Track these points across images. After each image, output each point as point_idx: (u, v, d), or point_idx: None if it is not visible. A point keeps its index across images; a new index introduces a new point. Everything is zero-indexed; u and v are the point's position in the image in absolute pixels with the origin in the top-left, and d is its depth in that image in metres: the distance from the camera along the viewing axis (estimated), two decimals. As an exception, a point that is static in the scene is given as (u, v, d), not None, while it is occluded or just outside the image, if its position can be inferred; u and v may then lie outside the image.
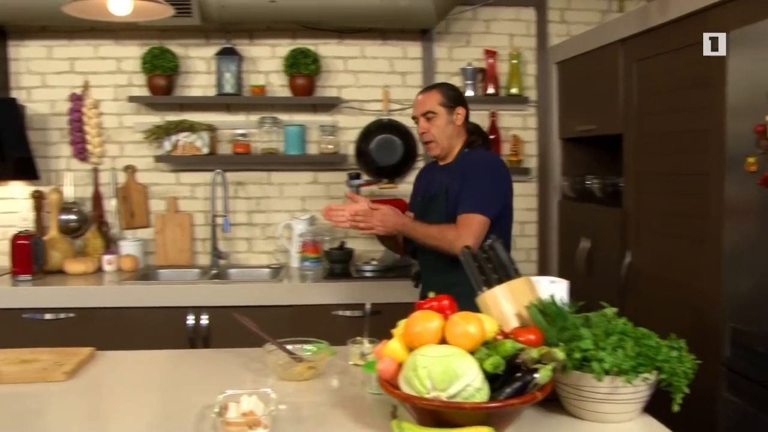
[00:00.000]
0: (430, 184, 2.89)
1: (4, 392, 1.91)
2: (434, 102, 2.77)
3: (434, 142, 2.79)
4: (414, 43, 4.21)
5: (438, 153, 2.82)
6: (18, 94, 4.11)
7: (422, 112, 2.79)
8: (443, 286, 2.63)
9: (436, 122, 2.76)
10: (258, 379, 1.99)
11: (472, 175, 2.69)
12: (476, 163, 2.74)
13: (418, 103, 2.83)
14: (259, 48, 4.15)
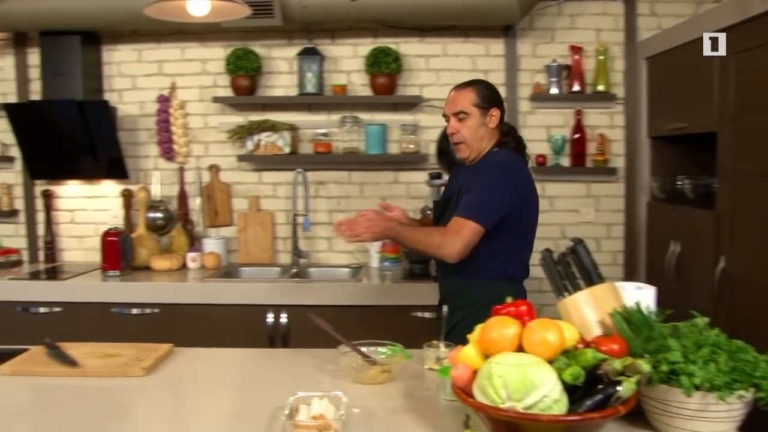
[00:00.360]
0: (451, 186, 2.80)
1: (88, 385, 1.96)
2: (467, 101, 2.58)
3: (464, 144, 2.61)
4: (497, 40, 4.12)
5: (466, 156, 2.64)
6: (110, 96, 4.25)
7: (453, 111, 2.61)
8: (451, 292, 2.68)
9: (468, 123, 2.58)
10: (332, 381, 1.98)
11: (479, 177, 2.51)
12: (488, 165, 2.56)
13: (450, 100, 2.64)
14: (340, 47, 4.16)
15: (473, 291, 2.56)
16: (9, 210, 4.37)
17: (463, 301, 2.56)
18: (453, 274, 2.59)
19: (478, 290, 2.55)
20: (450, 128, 2.63)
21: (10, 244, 4.44)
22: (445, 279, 2.70)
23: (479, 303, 2.45)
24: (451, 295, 2.63)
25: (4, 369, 2.08)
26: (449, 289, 2.67)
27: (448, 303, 2.54)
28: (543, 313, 3.91)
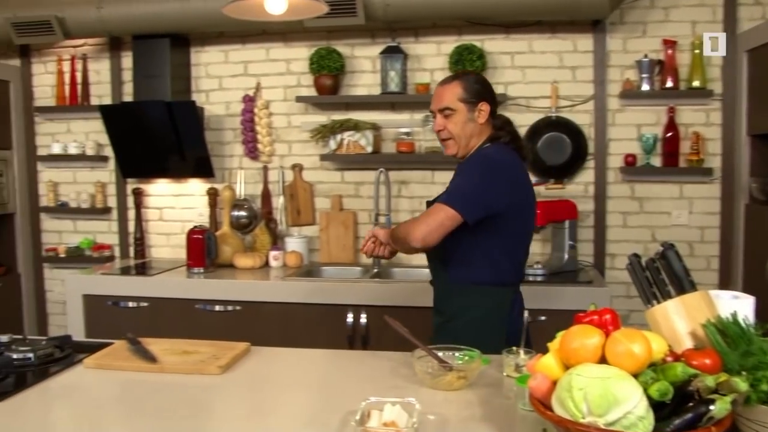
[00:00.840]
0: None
1: (165, 381, 1.98)
2: (453, 97, 2.39)
3: (452, 140, 2.43)
4: (585, 36, 3.98)
5: (455, 152, 2.45)
6: (197, 97, 4.35)
7: (439, 107, 2.42)
8: (442, 296, 2.51)
9: (454, 119, 2.39)
10: (406, 385, 1.93)
11: (462, 169, 2.38)
12: (472, 159, 2.40)
13: (435, 96, 2.45)
14: (424, 45, 4.11)
15: (464, 296, 2.42)
16: (103, 207, 4.53)
17: (454, 305, 2.44)
18: (444, 278, 2.45)
19: (469, 295, 2.41)
20: (436, 125, 2.45)
21: (103, 240, 4.61)
22: (437, 282, 2.53)
23: (471, 309, 2.40)
24: (442, 298, 2.50)
25: (89, 362, 2.13)
26: (441, 292, 2.51)
27: (440, 308, 2.50)
28: (630, 319, 3.79)
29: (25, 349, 2.17)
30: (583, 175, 4.04)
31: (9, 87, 4.49)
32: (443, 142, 2.47)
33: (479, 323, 2.38)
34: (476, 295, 2.40)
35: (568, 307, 3.36)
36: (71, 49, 4.52)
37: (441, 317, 2.48)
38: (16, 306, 4.59)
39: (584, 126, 3.99)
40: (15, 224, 4.58)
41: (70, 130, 4.60)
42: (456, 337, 2.22)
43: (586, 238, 4.01)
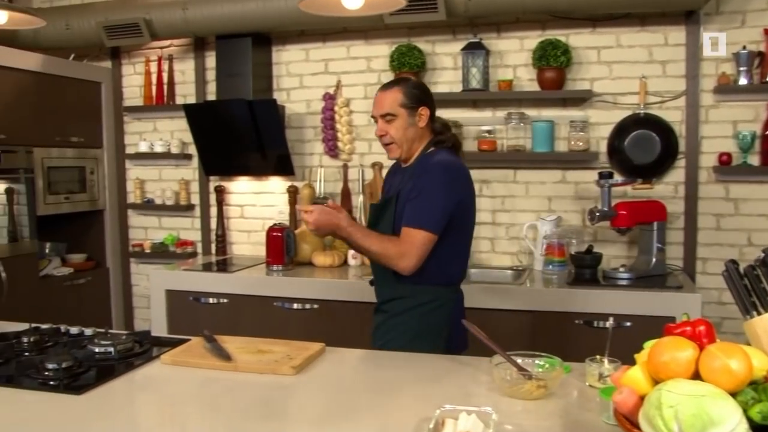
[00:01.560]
0: (386, 189, 2.66)
1: (239, 379, 1.98)
2: (393, 103, 2.44)
3: (394, 144, 2.48)
4: (677, 28, 3.79)
5: (398, 156, 2.51)
6: (278, 95, 4.38)
7: (380, 113, 2.47)
8: (390, 297, 2.51)
9: (396, 124, 2.44)
10: (483, 393, 1.86)
11: (424, 181, 2.38)
12: (432, 168, 2.41)
13: (376, 102, 2.50)
14: (506, 41, 4.01)
15: (414, 296, 2.45)
16: (186, 204, 4.63)
17: (402, 306, 2.47)
18: (393, 279, 2.45)
19: (417, 295, 2.44)
20: (378, 130, 2.50)
21: (186, 236, 4.71)
22: (385, 284, 2.53)
23: (420, 308, 2.44)
24: (390, 300, 2.51)
25: (166, 358, 2.14)
26: (388, 294, 2.52)
27: (385, 308, 2.52)
28: (722, 327, 3.58)
29: (106, 343, 2.21)
30: (673, 175, 3.85)
31: (101, 88, 4.65)
32: (386, 146, 2.52)
33: (421, 322, 2.45)
34: (424, 295, 2.44)
35: (656, 314, 3.23)
36: (158, 50, 4.63)
37: (383, 316, 2.52)
38: (104, 299, 4.74)
39: (675, 123, 3.81)
40: (104, 220, 4.73)
41: (157, 129, 4.72)
42: (396, 335, 2.42)
43: (675, 241, 3.83)
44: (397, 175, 2.60)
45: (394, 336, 2.44)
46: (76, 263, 4.60)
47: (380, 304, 2.56)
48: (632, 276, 3.54)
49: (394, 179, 2.62)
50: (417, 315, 2.44)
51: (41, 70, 4.18)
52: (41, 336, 2.37)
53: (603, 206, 3.54)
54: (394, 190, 2.53)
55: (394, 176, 2.64)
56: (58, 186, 4.33)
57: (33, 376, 1.98)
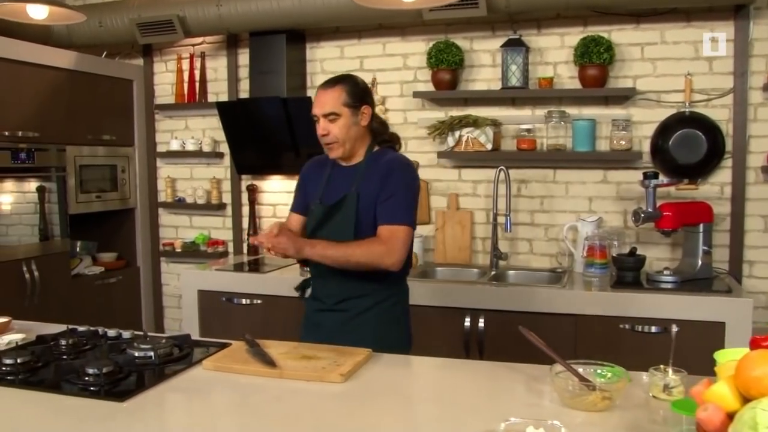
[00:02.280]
0: (330, 188, 2.53)
1: (285, 387, 1.90)
2: (337, 102, 2.41)
3: (337, 143, 2.44)
4: (724, 23, 3.66)
5: (340, 155, 2.47)
6: (313, 92, 4.26)
7: (323, 112, 2.43)
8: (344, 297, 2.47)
9: (339, 123, 2.41)
10: (542, 403, 1.77)
11: (394, 181, 2.40)
12: (396, 167, 2.44)
13: (317, 101, 2.45)
14: (546, 38, 3.91)
15: (375, 293, 2.48)
16: (218, 203, 4.57)
17: (364, 305, 2.47)
18: (350, 277, 2.42)
19: (378, 292, 2.48)
20: (320, 129, 2.45)
21: (217, 235, 4.66)
22: (338, 283, 2.47)
23: (383, 304, 2.48)
24: (346, 299, 2.48)
25: (208, 364, 2.08)
26: (342, 293, 2.48)
27: (344, 308, 2.48)
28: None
29: (146, 347, 2.15)
30: (719, 175, 3.73)
31: (132, 86, 4.61)
32: (328, 146, 2.47)
33: (386, 319, 2.49)
34: (384, 291, 2.49)
35: (705, 319, 3.12)
36: (190, 48, 4.59)
37: (342, 316, 2.49)
38: (135, 299, 4.71)
39: (721, 122, 3.68)
40: (135, 219, 4.69)
41: (188, 127, 4.68)
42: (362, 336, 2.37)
43: (720, 243, 3.70)
44: (336, 175, 2.54)
45: (362, 336, 2.39)
46: (106, 262, 4.57)
47: (335, 304, 2.50)
48: (678, 279, 3.43)
49: (330, 178, 2.55)
50: (381, 312, 2.48)
51: (74, 67, 4.15)
52: (79, 339, 2.32)
53: (648, 207, 3.44)
54: (341, 189, 2.48)
55: (323, 175, 2.57)
56: (90, 184, 4.30)
57: (73, 381, 1.92)
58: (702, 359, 3.13)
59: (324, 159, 2.61)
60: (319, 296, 2.55)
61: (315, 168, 2.66)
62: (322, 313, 2.53)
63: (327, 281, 2.51)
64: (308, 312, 2.62)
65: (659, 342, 3.17)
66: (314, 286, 2.59)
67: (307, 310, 2.64)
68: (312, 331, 2.52)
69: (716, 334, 3.10)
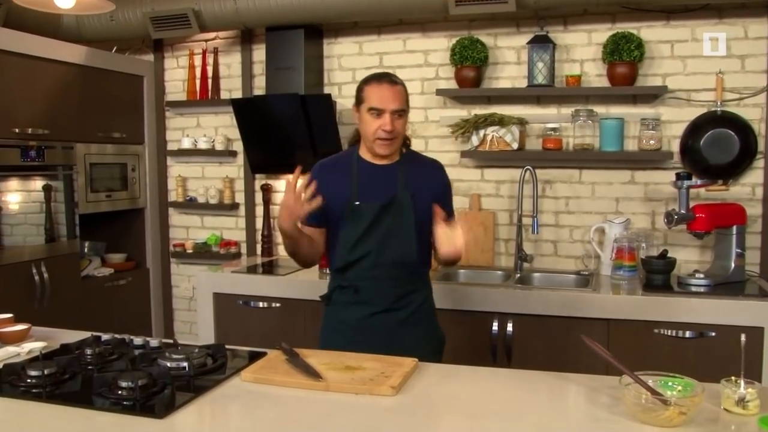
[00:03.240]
0: (367, 187, 2.45)
1: (333, 401, 1.79)
2: (404, 99, 2.42)
3: (396, 140, 2.43)
4: (758, 20, 3.56)
5: (394, 151, 2.47)
6: (330, 90, 4.19)
7: (395, 108, 2.37)
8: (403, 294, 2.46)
9: (403, 120, 2.42)
10: (610, 417, 1.66)
11: (447, 181, 2.61)
12: (439, 166, 2.63)
13: (386, 96, 2.38)
14: (573, 35, 3.80)
15: (424, 285, 2.58)
16: (231, 203, 4.45)
17: (418, 299, 2.51)
18: (410, 274, 2.49)
19: (426, 284, 2.59)
20: (388, 125, 2.37)
21: (230, 236, 4.54)
22: (395, 281, 2.46)
23: (429, 298, 2.58)
24: (405, 295, 2.48)
25: (246, 375, 1.96)
26: (401, 290, 2.47)
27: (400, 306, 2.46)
28: None
29: (179, 357, 2.03)
30: (750, 176, 3.64)
31: (143, 82, 4.49)
32: (387, 141, 2.40)
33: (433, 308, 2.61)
34: (428, 281, 2.61)
35: (742, 324, 3.02)
36: (202, 43, 4.46)
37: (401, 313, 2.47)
38: (144, 301, 4.59)
39: (753, 121, 3.59)
40: (145, 219, 4.56)
41: (200, 125, 4.55)
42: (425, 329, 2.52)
43: (753, 246, 3.61)
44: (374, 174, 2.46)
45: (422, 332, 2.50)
46: (116, 263, 4.44)
47: (392, 304, 2.45)
48: (710, 283, 3.34)
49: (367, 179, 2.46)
50: (430, 305, 2.59)
51: (83, 62, 4.02)
52: (105, 347, 2.20)
53: (681, 209, 3.35)
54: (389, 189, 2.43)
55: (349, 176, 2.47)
56: (98, 183, 4.17)
57: (105, 395, 1.80)
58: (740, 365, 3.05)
59: (335, 160, 2.57)
60: (370, 300, 2.45)
61: (330, 170, 2.52)
62: (375, 317, 2.44)
63: (379, 282, 2.44)
64: (350, 320, 2.48)
65: (695, 347, 3.09)
66: (362, 291, 2.46)
67: (346, 318, 2.49)
68: (360, 340, 2.37)
69: (755, 339, 3.01)
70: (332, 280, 2.57)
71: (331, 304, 2.55)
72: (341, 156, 2.60)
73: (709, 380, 1.77)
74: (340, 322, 2.50)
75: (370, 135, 2.40)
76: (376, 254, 2.42)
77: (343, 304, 2.50)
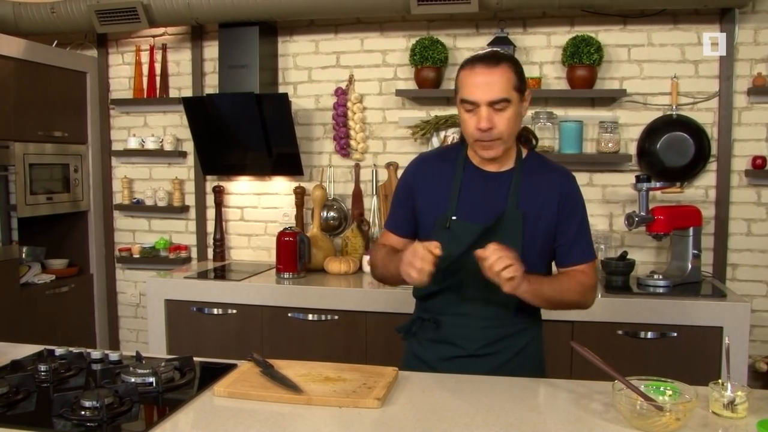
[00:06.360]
0: (470, 199, 1.99)
1: (318, 416, 1.68)
2: (507, 84, 1.84)
3: (500, 140, 1.89)
4: (710, 26, 3.63)
5: (499, 155, 1.93)
6: (285, 89, 4.08)
7: (490, 99, 1.83)
8: (497, 338, 2.02)
9: (508, 114, 1.85)
10: (603, 425, 1.62)
11: (579, 205, 2.03)
12: (575, 185, 2.04)
13: (477, 83, 1.84)
14: (532, 37, 3.79)
15: (527, 331, 2.07)
16: (180, 206, 4.29)
17: (520, 342, 2.05)
18: (509, 315, 2.00)
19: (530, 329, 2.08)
20: (484, 122, 1.84)
21: (179, 240, 4.38)
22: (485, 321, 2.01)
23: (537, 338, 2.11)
24: (501, 339, 2.02)
25: (220, 390, 1.84)
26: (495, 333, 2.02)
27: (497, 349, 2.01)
28: (752, 335, 3.42)
29: (144, 372, 1.90)
30: (704, 179, 3.70)
31: (86, 78, 4.28)
32: (487, 143, 1.89)
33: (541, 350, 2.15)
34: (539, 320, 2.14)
35: (702, 324, 3.09)
36: (150, 39, 4.29)
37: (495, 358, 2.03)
38: (88, 308, 4.38)
39: (706, 125, 3.65)
40: (89, 222, 4.35)
41: (147, 124, 4.37)
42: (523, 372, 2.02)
43: (706, 247, 3.66)
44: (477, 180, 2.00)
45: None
46: (57, 270, 4.21)
47: (481, 348, 2.01)
48: (669, 284, 3.38)
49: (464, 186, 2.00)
50: (538, 346, 2.11)
51: (21, 56, 3.78)
52: (60, 363, 2.04)
53: (641, 211, 3.37)
54: (495, 202, 1.96)
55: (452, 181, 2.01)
56: (38, 184, 3.94)
57: (67, 416, 1.64)
58: (701, 365, 3.09)
59: (439, 156, 2.10)
60: (453, 340, 2.03)
61: (430, 169, 2.06)
62: (459, 361, 2.02)
63: (469, 320, 2.01)
64: (429, 360, 2.07)
65: (657, 348, 3.13)
66: (444, 327, 2.04)
67: (425, 357, 2.09)
68: None
69: (714, 338, 3.05)
70: (415, 308, 2.16)
71: (408, 338, 2.15)
72: (448, 152, 2.10)
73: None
74: (419, 360, 2.09)
75: (467, 135, 1.93)
76: (468, 286, 1.97)
77: (423, 340, 2.10)
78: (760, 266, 3.65)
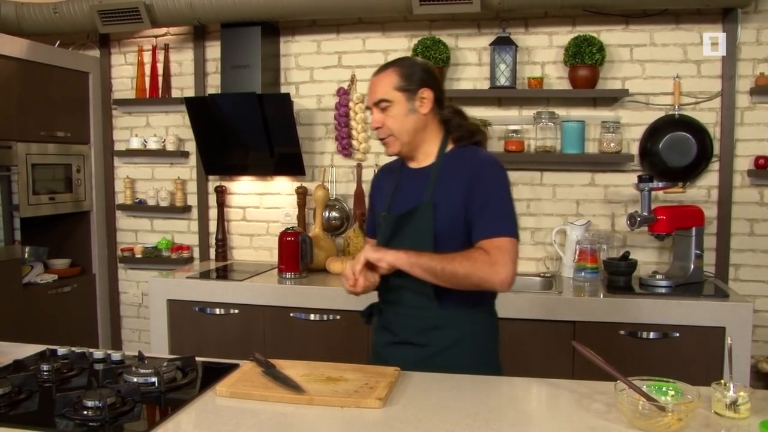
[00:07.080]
0: (399, 196, 2.16)
1: (320, 416, 1.69)
2: (388, 86, 2.04)
3: (392, 137, 2.08)
4: (713, 26, 3.62)
5: (397, 151, 2.12)
6: (286, 89, 4.09)
7: (374, 100, 2.07)
8: (424, 328, 2.10)
9: (392, 112, 2.05)
10: (605, 425, 1.62)
11: (485, 185, 2.02)
12: (484, 168, 2.05)
13: (369, 89, 2.11)
14: (534, 37, 3.79)
15: (458, 323, 2.09)
16: (183, 206, 4.30)
17: (448, 339, 2.09)
18: (432, 304, 2.07)
19: (462, 322, 2.09)
20: (373, 122, 2.10)
21: (181, 240, 4.39)
22: (418, 309, 2.10)
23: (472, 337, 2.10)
24: (429, 329, 2.10)
25: (222, 390, 1.85)
26: (424, 322, 2.10)
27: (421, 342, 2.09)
28: (755, 335, 3.42)
29: (146, 371, 1.90)
30: (706, 179, 3.69)
31: (88, 78, 4.29)
32: (383, 141, 2.13)
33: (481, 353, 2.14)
34: (469, 320, 2.11)
35: (705, 324, 3.09)
36: (152, 39, 4.29)
37: (423, 350, 2.10)
38: (90, 308, 4.38)
39: (709, 125, 3.64)
40: (91, 222, 4.36)
41: (150, 124, 4.38)
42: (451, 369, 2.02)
43: (708, 247, 3.66)
44: (406, 180, 2.16)
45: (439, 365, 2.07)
46: (60, 269, 4.22)
47: (411, 336, 2.11)
48: (672, 284, 3.38)
49: (400, 184, 2.18)
50: (472, 347, 2.10)
51: (24, 56, 3.79)
52: (62, 362, 2.05)
53: (643, 211, 3.37)
54: (413, 196, 2.09)
55: (393, 181, 2.20)
56: (41, 185, 3.95)
57: (69, 416, 1.65)
58: (703, 365, 3.08)
59: (394, 165, 2.25)
60: (390, 326, 2.17)
61: (384, 177, 2.29)
62: (393, 347, 2.15)
63: (400, 307, 2.13)
64: (377, 345, 2.24)
65: (659, 348, 3.12)
66: (385, 314, 2.19)
67: (375, 342, 2.25)
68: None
69: (716, 339, 3.05)
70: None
71: (370, 323, 2.29)
72: (400, 158, 2.24)
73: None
74: (373, 345, 2.27)
75: None
76: (393, 276, 2.06)
77: (376, 326, 2.26)
78: (763, 266, 3.65)
